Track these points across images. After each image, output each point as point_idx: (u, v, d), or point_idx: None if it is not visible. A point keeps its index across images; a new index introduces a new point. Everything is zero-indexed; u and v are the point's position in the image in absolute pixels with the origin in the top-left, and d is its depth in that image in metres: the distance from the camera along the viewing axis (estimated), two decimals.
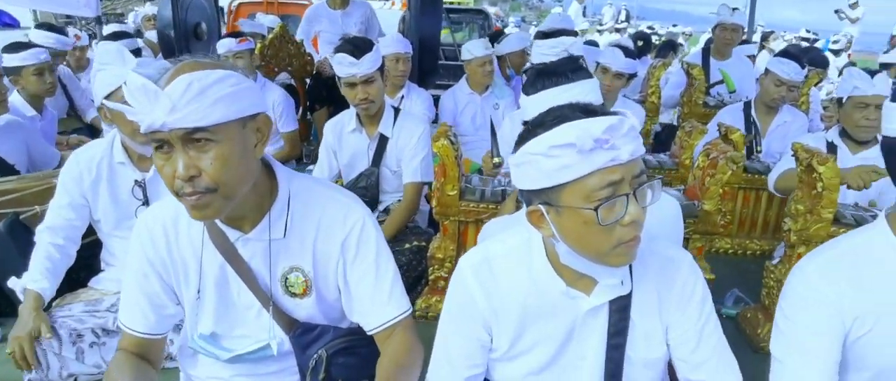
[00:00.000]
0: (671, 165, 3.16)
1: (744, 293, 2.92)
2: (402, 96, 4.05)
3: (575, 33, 3.39)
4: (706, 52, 4.68)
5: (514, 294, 1.29)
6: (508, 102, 4.07)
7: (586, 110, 1.10)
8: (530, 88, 1.73)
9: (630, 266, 1.28)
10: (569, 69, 1.73)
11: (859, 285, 1.26)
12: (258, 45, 4.34)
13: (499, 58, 4.34)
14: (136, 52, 3.98)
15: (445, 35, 6.81)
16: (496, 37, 4.87)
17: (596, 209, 1.06)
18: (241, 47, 3.92)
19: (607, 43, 5.34)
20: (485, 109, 4.08)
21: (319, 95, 4.71)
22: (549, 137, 1.08)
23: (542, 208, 1.14)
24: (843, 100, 2.83)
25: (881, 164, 2.54)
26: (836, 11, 12.31)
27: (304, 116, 4.79)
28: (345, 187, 2.97)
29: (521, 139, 1.16)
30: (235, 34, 4.31)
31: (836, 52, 9.70)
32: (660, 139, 4.48)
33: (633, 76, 3.76)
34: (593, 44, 5.28)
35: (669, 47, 6.69)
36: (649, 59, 6.18)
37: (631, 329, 1.29)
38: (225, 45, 3.91)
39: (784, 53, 3.58)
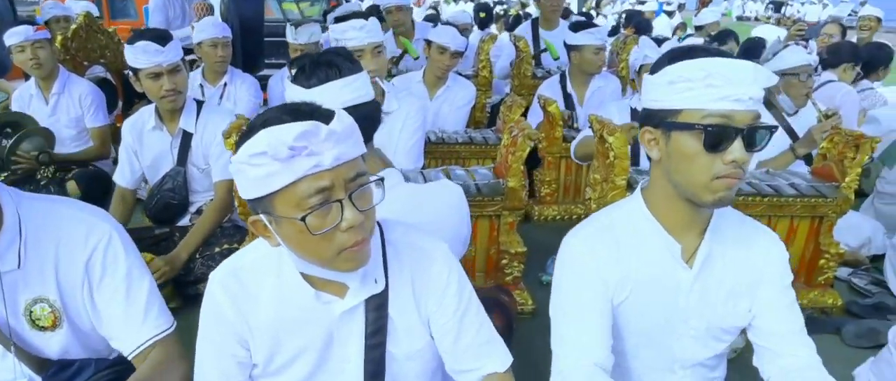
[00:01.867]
0: (496, 141, 3.21)
1: None
2: (225, 84, 3.84)
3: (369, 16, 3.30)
4: (535, 22, 4.79)
5: (265, 306, 1.22)
6: None
7: (297, 113, 1.04)
8: (304, 80, 1.56)
9: (385, 262, 1.26)
10: (345, 60, 1.58)
11: (617, 254, 1.33)
12: (58, 37, 3.93)
13: None
14: None
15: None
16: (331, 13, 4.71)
17: (303, 219, 1.01)
18: (39, 36, 3.50)
19: (450, 14, 5.34)
20: None
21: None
22: (249, 145, 1.01)
23: (263, 217, 1.08)
24: (638, 69, 2.98)
25: None
26: None
27: (124, 111, 4.42)
28: (151, 189, 2.78)
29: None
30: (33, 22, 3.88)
31: (670, 14, 10.33)
32: (497, 113, 4.54)
33: (464, 52, 3.79)
34: (432, 19, 5.29)
35: (517, 20, 6.80)
36: (493, 30, 6.28)
37: (391, 326, 1.27)
38: (20, 34, 3.45)
39: (576, 25, 3.69)
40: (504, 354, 1.34)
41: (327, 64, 1.51)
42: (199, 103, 2.73)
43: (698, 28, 5.79)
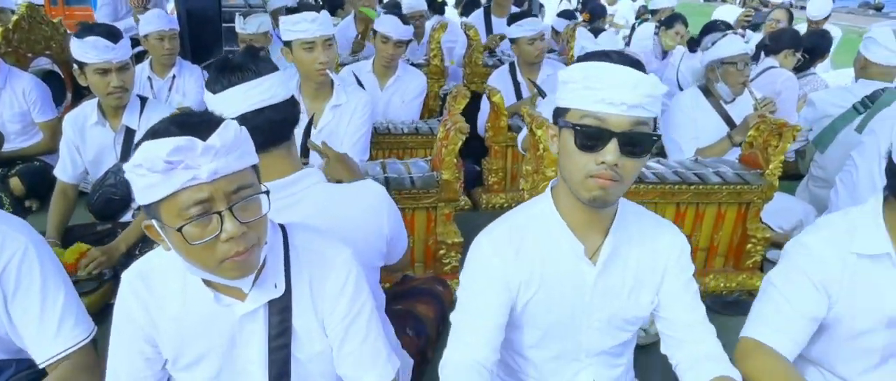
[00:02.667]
0: None
1: None
2: (174, 76, 3.83)
3: (317, 7, 3.32)
4: (487, 10, 4.82)
5: (170, 307, 1.27)
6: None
7: (184, 125, 1.07)
8: (215, 84, 1.54)
9: (287, 267, 1.29)
10: (252, 62, 1.55)
11: (523, 253, 1.39)
12: None
13: None
14: None
15: None
16: None
17: (180, 230, 1.05)
18: None
19: (405, 2, 5.31)
20: None
21: None
22: (133, 156, 1.05)
23: (155, 223, 1.12)
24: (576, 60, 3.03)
25: None
26: None
27: (74, 103, 4.37)
28: (94, 185, 2.78)
29: None
30: None
31: None
32: None
33: (410, 41, 3.81)
34: (392, 6, 5.26)
35: (471, 5, 6.80)
36: (450, 17, 6.26)
37: (294, 329, 1.31)
38: None
39: (512, 17, 3.74)
40: (385, 369, 1.38)
41: (232, 68, 1.50)
42: (143, 100, 2.73)
43: (653, 12, 5.86)
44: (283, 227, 1.35)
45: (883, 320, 1.49)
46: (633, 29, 6.30)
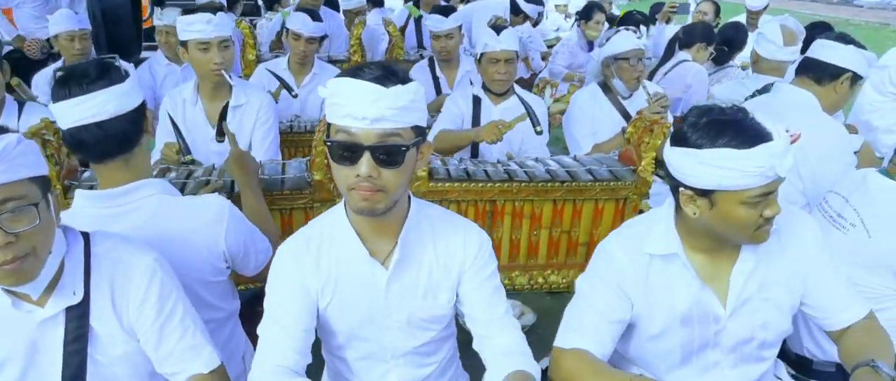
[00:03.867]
0: None
1: None
2: None
3: (221, 7, 3.33)
4: (416, 4, 4.84)
5: None
6: None
7: None
8: (53, 94, 1.53)
9: (87, 274, 1.34)
10: (86, 76, 1.50)
11: (321, 261, 1.45)
12: None
13: None
14: None
15: None
16: None
17: None
18: None
19: None
20: None
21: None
22: None
23: None
24: (479, 56, 3.07)
25: (514, 115, 2.83)
26: None
27: None
28: None
29: None
30: None
31: None
32: None
33: (324, 38, 3.82)
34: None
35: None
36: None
37: (93, 334, 1.36)
38: None
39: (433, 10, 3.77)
40: (209, 357, 1.44)
41: (67, 80, 1.51)
42: (21, 104, 2.73)
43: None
44: (86, 235, 1.38)
45: (677, 318, 1.55)
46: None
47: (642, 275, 1.54)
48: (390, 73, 1.27)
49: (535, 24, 5.69)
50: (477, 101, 3.13)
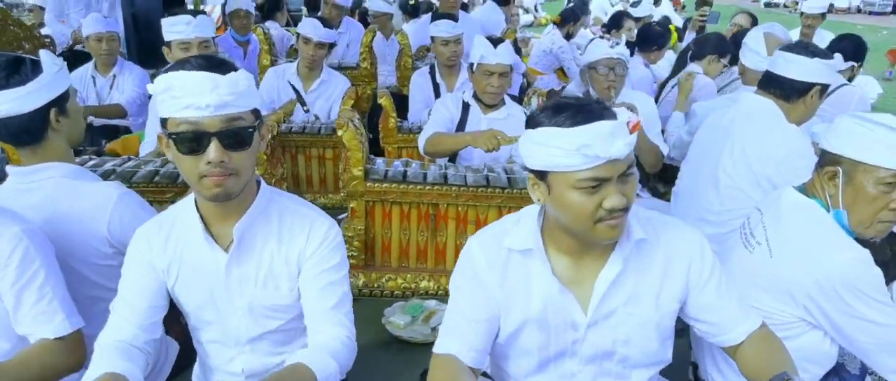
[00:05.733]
0: (330, 131, 3.37)
1: None
2: (115, 75, 4.13)
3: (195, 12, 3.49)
4: (416, 10, 4.90)
5: None
6: None
7: None
8: None
9: None
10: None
11: (169, 242, 1.53)
12: None
13: None
14: None
15: None
16: None
17: None
18: None
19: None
20: None
21: None
22: None
23: None
24: (474, 66, 3.05)
25: (507, 127, 2.80)
26: None
27: None
28: None
29: None
30: None
31: None
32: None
33: (333, 45, 3.95)
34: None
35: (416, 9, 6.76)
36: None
37: None
38: None
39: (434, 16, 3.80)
40: (60, 324, 1.53)
41: None
42: None
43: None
44: None
45: (532, 318, 1.47)
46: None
47: (499, 270, 1.47)
48: (219, 62, 1.33)
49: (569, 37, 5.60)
50: (466, 106, 3.11)
